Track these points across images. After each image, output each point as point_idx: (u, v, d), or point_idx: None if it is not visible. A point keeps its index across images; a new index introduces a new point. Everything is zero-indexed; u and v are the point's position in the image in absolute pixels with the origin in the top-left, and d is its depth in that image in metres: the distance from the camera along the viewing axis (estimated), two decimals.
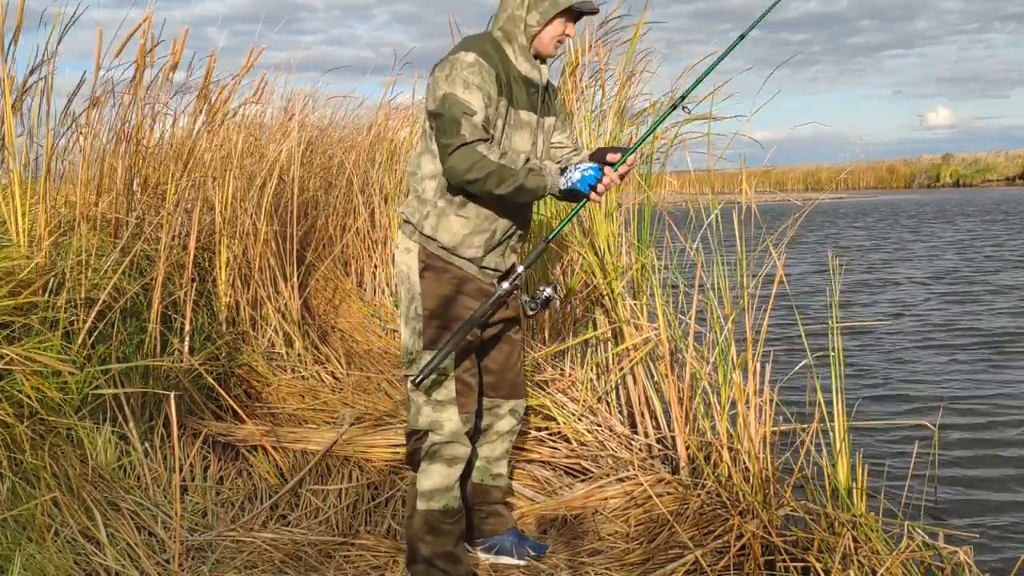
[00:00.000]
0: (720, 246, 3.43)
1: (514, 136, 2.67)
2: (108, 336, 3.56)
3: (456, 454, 2.74)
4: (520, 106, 2.67)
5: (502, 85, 2.62)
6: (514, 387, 2.93)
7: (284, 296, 4.91)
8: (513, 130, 2.67)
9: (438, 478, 2.73)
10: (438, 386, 2.71)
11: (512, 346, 2.91)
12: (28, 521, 2.70)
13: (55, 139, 3.73)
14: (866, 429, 4.87)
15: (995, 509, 4.03)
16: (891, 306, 9.69)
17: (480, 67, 2.57)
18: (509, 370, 2.91)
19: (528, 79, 2.68)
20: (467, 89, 2.56)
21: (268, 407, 4.22)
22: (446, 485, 2.74)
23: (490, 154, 2.54)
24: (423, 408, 2.73)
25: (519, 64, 2.66)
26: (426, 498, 2.74)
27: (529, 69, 2.68)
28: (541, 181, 2.59)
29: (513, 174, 2.56)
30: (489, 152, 2.54)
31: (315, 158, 6.36)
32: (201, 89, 4.46)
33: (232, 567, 2.87)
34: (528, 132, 2.70)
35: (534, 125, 2.72)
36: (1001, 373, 6.48)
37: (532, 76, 2.69)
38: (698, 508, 3.09)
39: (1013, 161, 52.10)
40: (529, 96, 2.69)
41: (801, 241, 17.21)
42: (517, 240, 2.80)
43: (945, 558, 2.51)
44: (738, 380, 3.19)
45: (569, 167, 2.62)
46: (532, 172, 2.58)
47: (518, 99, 2.67)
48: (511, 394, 2.93)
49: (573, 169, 2.61)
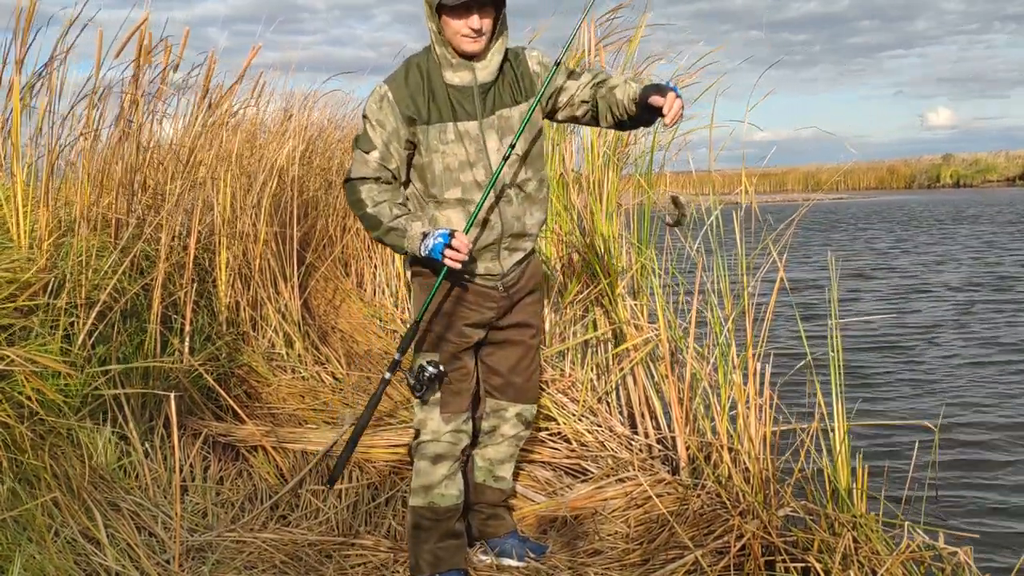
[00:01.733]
0: (720, 246, 3.43)
1: (448, 152, 2.60)
2: (108, 337, 3.56)
3: (438, 451, 2.76)
4: (460, 117, 2.60)
5: (420, 107, 2.59)
6: (522, 391, 2.90)
7: (284, 297, 4.91)
8: (450, 146, 2.60)
9: (422, 475, 2.78)
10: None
11: (524, 350, 2.87)
12: (28, 521, 2.70)
13: (57, 140, 3.73)
14: (866, 429, 4.87)
15: (995, 509, 4.03)
16: (893, 305, 9.70)
17: (383, 102, 2.60)
18: (518, 374, 2.88)
19: (459, 88, 2.60)
20: (370, 125, 2.62)
21: (268, 407, 4.22)
22: (429, 483, 2.77)
23: (370, 195, 2.60)
24: (415, 408, 2.80)
25: (447, 76, 2.60)
26: (413, 494, 2.81)
27: (457, 77, 2.60)
28: (399, 242, 2.59)
29: (377, 226, 2.61)
30: (372, 193, 2.60)
31: (315, 159, 6.36)
32: (202, 89, 4.46)
33: (232, 567, 2.87)
34: (469, 141, 2.60)
35: (475, 132, 2.61)
36: (1002, 373, 6.48)
37: (463, 83, 2.60)
38: (698, 508, 3.09)
39: (1013, 161, 52.11)
40: (465, 105, 2.61)
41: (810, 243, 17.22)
42: (512, 241, 2.72)
43: (945, 559, 2.51)
44: (738, 380, 3.19)
45: (431, 231, 2.51)
46: (393, 231, 2.58)
47: (456, 111, 2.61)
48: (518, 398, 2.91)
49: (432, 236, 2.50)
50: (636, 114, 2.61)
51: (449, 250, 2.47)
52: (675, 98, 2.49)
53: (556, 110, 2.77)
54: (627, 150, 4.05)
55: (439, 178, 2.63)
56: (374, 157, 2.61)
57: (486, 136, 2.62)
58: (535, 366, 2.93)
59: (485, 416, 2.95)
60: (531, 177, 2.71)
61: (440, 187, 2.63)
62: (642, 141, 4.06)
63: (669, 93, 2.49)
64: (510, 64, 2.68)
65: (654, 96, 2.51)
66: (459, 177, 2.62)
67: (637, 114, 2.61)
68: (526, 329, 2.85)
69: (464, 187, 2.62)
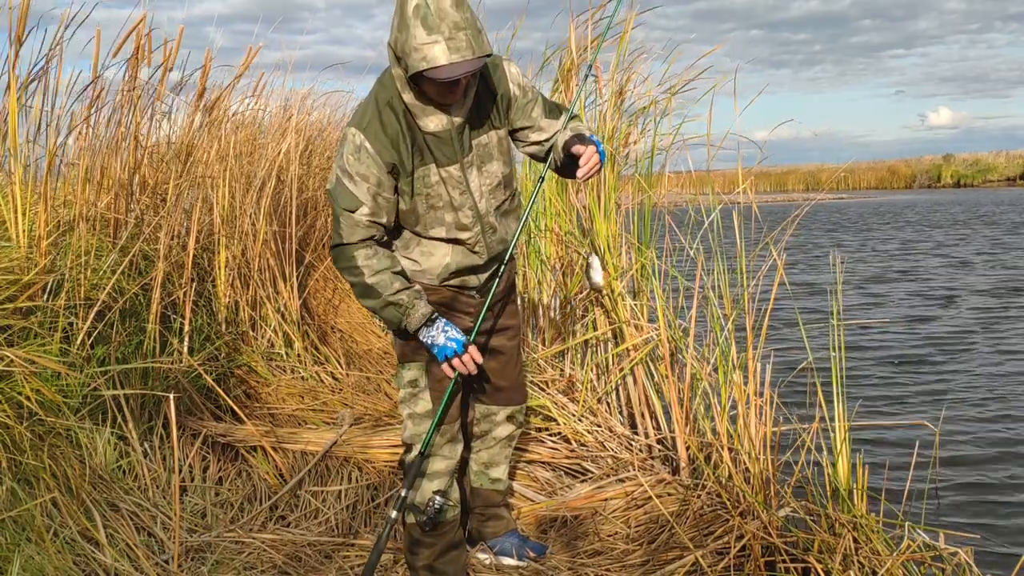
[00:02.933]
0: (720, 246, 3.42)
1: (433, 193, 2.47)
2: (107, 337, 3.55)
3: (436, 468, 2.72)
4: (441, 163, 2.45)
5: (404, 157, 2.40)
6: (510, 394, 2.88)
7: (283, 296, 4.90)
8: (434, 188, 2.47)
9: (418, 490, 2.71)
10: (414, 400, 2.69)
11: (508, 354, 2.83)
12: (27, 522, 2.70)
13: (56, 139, 3.72)
14: (867, 429, 4.86)
15: (996, 510, 4.03)
16: (900, 308, 9.69)
17: (361, 153, 2.38)
18: (504, 378, 2.84)
19: (436, 134, 2.41)
20: (351, 180, 2.40)
21: (267, 408, 4.22)
22: (424, 500, 2.69)
23: (368, 263, 2.43)
24: (406, 422, 2.72)
25: (422, 123, 2.39)
26: (408, 511, 2.71)
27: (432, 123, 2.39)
28: (397, 317, 2.46)
29: (375, 297, 2.45)
30: (370, 261, 2.43)
31: (314, 158, 6.36)
32: (199, 88, 4.45)
33: (231, 568, 2.86)
34: (452, 185, 2.48)
35: (457, 175, 2.47)
36: (1002, 374, 6.47)
37: (440, 128, 2.40)
38: (698, 509, 3.08)
39: (1013, 162, 52.16)
40: (445, 150, 2.44)
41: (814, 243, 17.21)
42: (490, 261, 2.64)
43: (946, 559, 2.50)
44: (739, 380, 3.18)
45: (439, 321, 2.46)
46: (393, 306, 2.45)
47: (437, 157, 2.44)
48: (508, 401, 2.89)
49: (441, 329, 2.44)
50: (565, 161, 2.55)
51: (457, 359, 2.44)
52: (594, 152, 2.41)
53: (519, 140, 2.66)
54: (626, 151, 4.04)
55: (423, 218, 2.51)
56: (363, 214, 2.42)
57: (468, 176, 2.50)
58: (519, 367, 2.90)
59: (476, 421, 2.92)
60: (508, 196, 2.64)
61: (424, 226, 2.53)
62: (643, 141, 4.06)
63: (590, 146, 2.41)
64: (485, 81, 2.50)
65: (576, 145, 2.45)
66: (444, 217, 2.51)
67: (565, 161, 2.55)
68: (506, 332, 2.81)
69: (448, 227, 2.53)
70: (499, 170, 2.57)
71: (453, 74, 2.20)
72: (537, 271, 4.44)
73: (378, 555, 2.55)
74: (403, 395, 2.71)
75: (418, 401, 2.68)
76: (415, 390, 2.67)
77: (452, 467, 2.75)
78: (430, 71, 2.20)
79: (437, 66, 2.19)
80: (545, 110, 2.62)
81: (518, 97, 2.56)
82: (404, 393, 2.70)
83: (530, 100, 2.59)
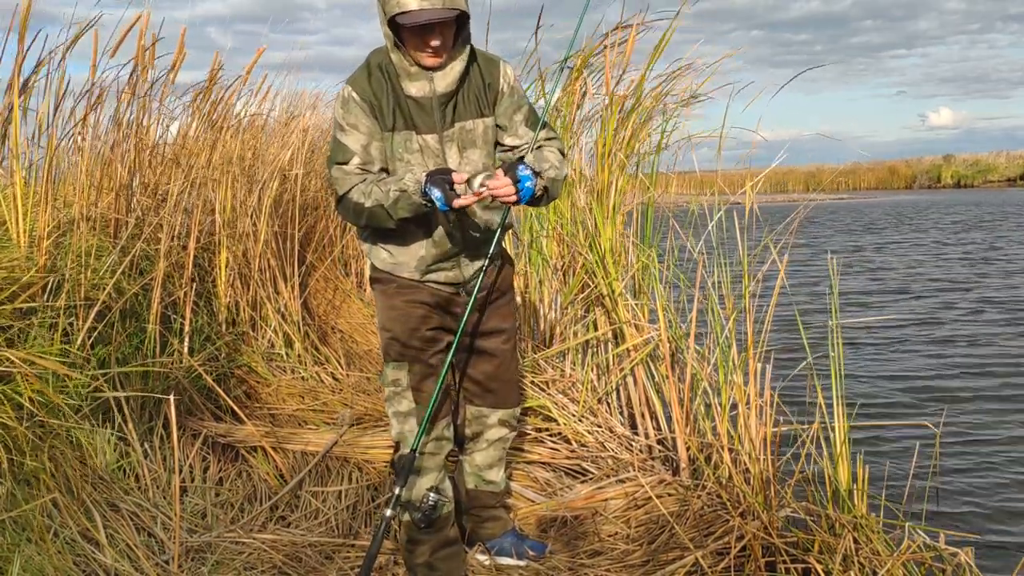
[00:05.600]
0: (722, 247, 3.42)
1: (413, 160, 2.52)
2: (108, 337, 3.55)
3: (427, 464, 2.73)
4: (421, 130, 2.51)
5: (385, 112, 2.48)
6: (502, 397, 2.87)
7: (284, 297, 4.90)
8: (415, 155, 2.52)
9: (410, 489, 2.72)
10: (397, 398, 2.71)
11: (501, 357, 2.82)
12: (28, 522, 2.70)
13: (56, 139, 3.72)
14: (867, 430, 4.86)
15: (996, 510, 4.02)
16: (899, 302, 9.69)
17: (350, 103, 2.48)
18: (496, 381, 2.83)
19: (417, 99, 2.49)
20: (342, 131, 2.51)
21: (268, 408, 4.22)
22: (419, 496, 2.70)
23: (360, 193, 2.46)
24: (392, 421, 2.75)
25: (405, 86, 2.48)
26: (403, 509, 2.73)
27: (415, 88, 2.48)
28: (408, 205, 2.43)
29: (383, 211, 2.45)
30: (362, 189, 2.46)
31: (316, 159, 6.36)
32: (204, 91, 4.45)
33: (232, 568, 2.86)
34: (430, 155, 2.52)
35: (435, 145, 2.52)
36: (1003, 374, 6.47)
37: (421, 94, 2.48)
38: (699, 509, 3.08)
39: (1014, 162, 52.19)
40: (425, 117, 2.50)
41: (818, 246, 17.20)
42: (474, 251, 2.66)
43: (946, 559, 2.50)
44: (739, 381, 3.18)
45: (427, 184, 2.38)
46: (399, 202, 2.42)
47: (417, 123, 2.51)
48: (499, 404, 2.87)
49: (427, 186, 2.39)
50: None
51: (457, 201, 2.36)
52: (508, 185, 2.38)
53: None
54: (631, 151, 4.04)
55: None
56: (355, 164, 2.50)
57: (446, 149, 2.54)
58: (513, 370, 2.89)
59: (468, 423, 2.92)
60: None
61: None
62: (648, 140, 4.06)
63: (508, 175, 2.40)
64: (479, 70, 2.56)
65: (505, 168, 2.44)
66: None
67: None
68: (500, 335, 2.80)
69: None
70: (480, 160, 2.60)
71: (419, 19, 2.31)
72: (539, 270, 4.44)
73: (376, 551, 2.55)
74: (387, 393, 2.74)
75: (401, 400, 2.70)
76: (398, 389, 2.70)
77: (441, 462, 2.77)
78: (401, 16, 2.33)
79: (408, 11, 2.32)
80: (527, 119, 2.66)
81: (505, 95, 2.61)
82: (388, 391, 2.73)
83: (516, 104, 2.63)
